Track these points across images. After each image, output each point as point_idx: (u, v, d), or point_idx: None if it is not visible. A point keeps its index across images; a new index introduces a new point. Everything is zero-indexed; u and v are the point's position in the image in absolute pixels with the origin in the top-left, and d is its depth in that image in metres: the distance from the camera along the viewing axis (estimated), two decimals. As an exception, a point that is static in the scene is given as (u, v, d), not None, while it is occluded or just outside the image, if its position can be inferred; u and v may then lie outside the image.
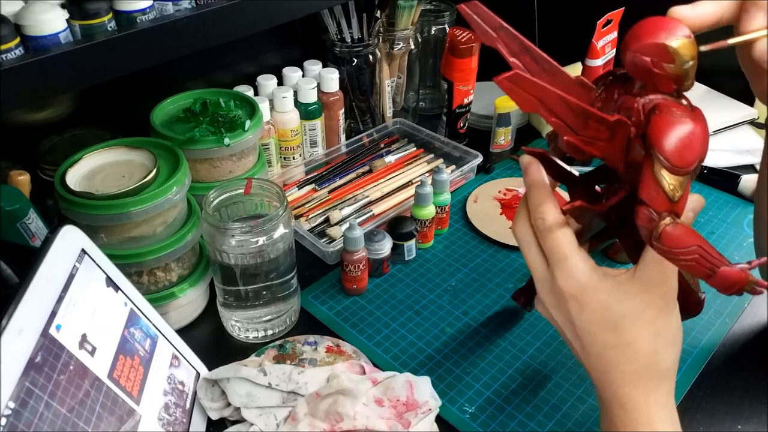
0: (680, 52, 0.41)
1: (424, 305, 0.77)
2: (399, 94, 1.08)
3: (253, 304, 0.70)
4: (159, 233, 0.67)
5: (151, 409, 0.56)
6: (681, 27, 0.41)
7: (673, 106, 0.43)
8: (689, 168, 0.42)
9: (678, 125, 0.42)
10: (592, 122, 0.45)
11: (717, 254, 0.42)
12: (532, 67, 0.48)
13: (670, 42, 0.40)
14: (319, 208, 0.90)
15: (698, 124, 0.42)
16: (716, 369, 0.69)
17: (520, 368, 0.69)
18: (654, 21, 0.42)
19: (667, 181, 0.42)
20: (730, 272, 0.42)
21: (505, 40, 0.48)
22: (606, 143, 0.46)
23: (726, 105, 1.10)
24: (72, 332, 0.50)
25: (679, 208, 0.43)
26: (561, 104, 0.46)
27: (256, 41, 0.95)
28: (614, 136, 0.45)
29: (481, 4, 0.48)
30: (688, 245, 0.42)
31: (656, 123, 0.43)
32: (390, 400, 0.61)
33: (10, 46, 0.51)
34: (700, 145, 0.42)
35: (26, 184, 0.69)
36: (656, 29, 0.41)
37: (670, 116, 0.42)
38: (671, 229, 0.42)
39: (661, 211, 0.43)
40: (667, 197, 0.43)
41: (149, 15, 0.59)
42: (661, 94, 0.43)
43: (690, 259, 0.43)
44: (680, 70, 0.41)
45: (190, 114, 0.77)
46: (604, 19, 0.89)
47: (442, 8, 1.09)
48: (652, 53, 0.41)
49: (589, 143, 0.46)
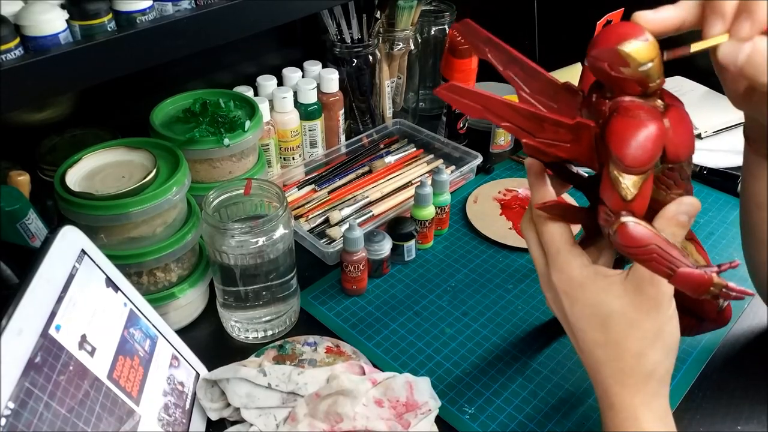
0: (633, 56, 0.41)
1: (424, 306, 0.77)
2: (399, 95, 1.08)
3: (252, 304, 0.70)
4: (159, 234, 0.67)
5: (151, 410, 0.56)
6: (638, 31, 0.42)
7: (637, 107, 0.43)
8: (642, 168, 0.43)
9: (632, 126, 0.42)
10: (548, 125, 0.47)
11: (678, 255, 0.43)
12: (521, 76, 0.49)
13: (623, 47, 0.41)
14: (319, 209, 0.90)
15: (657, 124, 0.42)
16: (716, 370, 0.69)
17: (520, 369, 0.69)
18: (613, 27, 0.42)
19: (620, 180, 0.43)
20: (690, 273, 0.42)
21: (494, 52, 0.50)
22: (572, 145, 0.47)
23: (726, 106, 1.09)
24: (72, 333, 0.50)
25: (635, 207, 0.43)
26: (507, 110, 0.47)
27: (256, 42, 0.95)
28: (579, 138, 0.46)
29: (471, 22, 0.50)
30: (643, 244, 0.43)
31: (612, 124, 0.43)
32: (390, 401, 0.61)
33: (9, 47, 0.51)
34: (654, 145, 0.42)
35: (26, 185, 0.69)
36: (612, 35, 0.42)
37: (626, 117, 0.43)
38: (625, 228, 0.43)
39: (617, 210, 0.44)
40: (621, 197, 0.43)
41: (149, 15, 0.59)
42: (628, 96, 0.44)
43: (647, 257, 0.43)
44: (637, 73, 0.42)
45: (189, 114, 0.77)
46: (604, 20, 0.89)
47: (441, 9, 1.09)
48: (607, 58, 0.42)
49: (550, 146, 0.47)
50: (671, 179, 0.46)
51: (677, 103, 0.45)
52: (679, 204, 0.45)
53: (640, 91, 0.43)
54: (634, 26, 0.42)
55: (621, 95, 0.44)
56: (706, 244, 0.86)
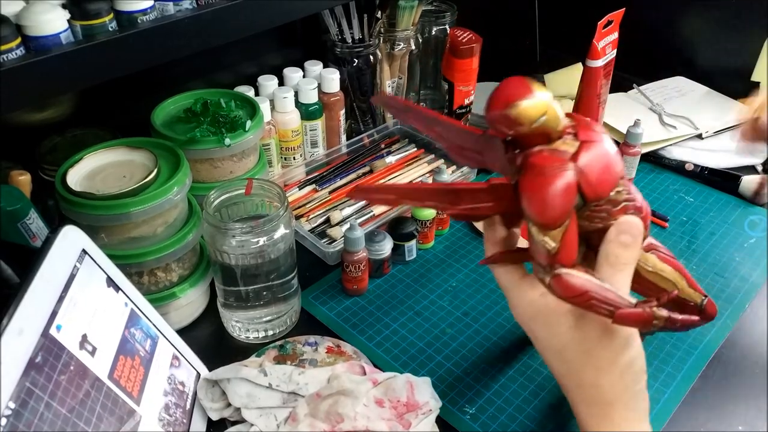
0: (523, 117, 0.41)
1: (425, 306, 0.77)
2: (399, 95, 1.08)
3: (253, 304, 0.70)
4: (159, 233, 0.67)
5: (152, 410, 0.56)
6: (524, 90, 0.41)
7: (544, 161, 0.43)
8: (555, 223, 0.43)
9: (539, 185, 0.43)
10: (463, 194, 0.48)
11: (614, 297, 0.43)
12: (444, 133, 0.50)
13: (510, 110, 0.41)
14: (320, 209, 0.90)
15: (564, 177, 0.42)
16: (717, 370, 0.69)
17: (521, 369, 0.69)
18: (500, 88, 0.42)
19: (540, 237, 0.44)
20: (628, 314, 0.43)
21: (414, 117, 0.52)
22: (495, 203, 0.48)
23: (726, 106, 1.10)
24: (72, 332, 0.50)
25: (562, 258, 0.44)
26: (421, 192, 0.49)
27: (256, 41, 0.95)
28: (501, 195, 0.47)
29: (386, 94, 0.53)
30: (578, 293, 0.44)
31: (521, 183, 0.44)
32: (390, 401, 0.61)
33: (11, 47, 0.51)
34: (563, 200, 0.42)
35: (27, 184, 0.69)
36: (501, 97, 0.42)
37: (533, 176, 0.43)
38: (559, 281, 0.44)
39: (545, 264, 0.45)
40: (545, 252, 0.44)
41: (150, 15, 0.59)
42: (537, 146, 0.44)
43: (586, 304, 0.44)
44: (531, 129, 0.42)
45: (190, 114, 0.77)
46: (605, 20, 0.89)
47: (442, 9, 1.09)
48: (501, 122, 0.42)
49: (474, 210, 0.48)
50: (603, 212, 0.46)
51: (592, 135, 0.44)
52: (618, 226, 0.46)
53: (543, 141, 0.44)
54: (519, 85, 0.42)
55: (529, 147, 0.44)
56: (707, 244, 0.86)
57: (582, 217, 0.45)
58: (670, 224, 0.89)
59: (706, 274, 0.81)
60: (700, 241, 0.86)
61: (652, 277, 0.52)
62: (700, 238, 0.87)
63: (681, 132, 1.04)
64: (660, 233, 0.88)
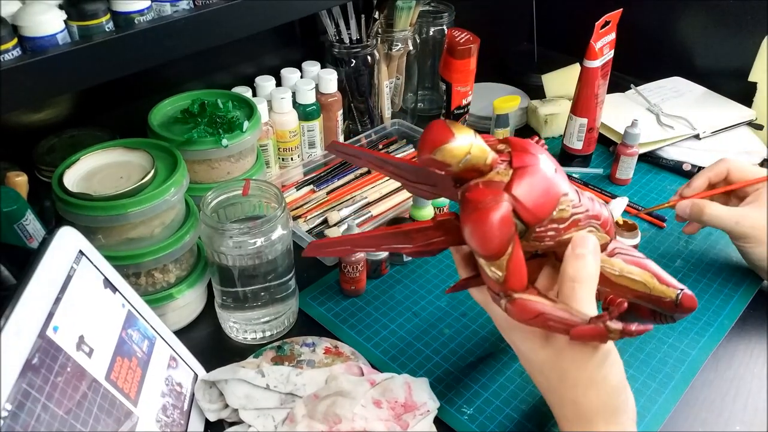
0: (448, 159, 0.43)
1: (423, 306, 0.77)
2: (397, 95, 1.08)
3: (251, 305, 0.70)
4: (157, 234, 0.66)
5: (149, 411, 0.56)
6: (444, 135, 0.43)
7: (478, 195, 0.45)
8: (497, 254, 0.44)
9: (475, 220, 0.44)
10: (414, 234, 0.50)
11: (567, 316, 0.45)
12: (396, 171, 0.53)
13: (435, 155, 0.43)
14: (318, 209, 0.90)
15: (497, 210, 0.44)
16: (715, 369, 0.69)
17: (519, 369, 0.69)
18: (424, 134, 0.44)
19: (487, 268, 0.45)
20: (582, 331, 0.45)
21: (366, 160, 0.55)
22: (446, 236, 0.50)
23: (724, 106, 1.10)
24: (69, 334, 0.50)
25: (512, 284, 0.45)
26: (373, 239, 0.52)
27: (254, 42, 0.95)
28: (450, 229, 0.49)
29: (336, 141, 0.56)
30: (532, 316, 0.45)
31: (461, 219, 0.46)
32: (388, 402, 0.61)
33: (7, 47, 0.51)
34: (500, 232, 0.44)
35: (24, 185, 0.68)
36: (426, 145, 0.44)
37: (469, 212, 0.45)
38: (513, 306, 0.46)
39: (497, 291, 0.46)
40: (494, 281, 0.46)
41: (147, 16, 0.59)
42: (472, 180, 0.46)
43: (542, 324, 0.46)
44: (460, 167, 0.44)
45: (188, 115, 0.77)
46: (603, 21, 0.89)
47: (440, 9, 1.09)
48: (431, 165, 0.44)
49: (428, 245, 0.50)
50: (550, 231, 0.47)
51: (526, 159, 0.46)
52: (573, 243, 0.48)
53: (476, 175, 0.45)
54: (441, 130, 0.44)
55: (466, 181, 0.46)
56: (704, 244, 0.86)
57: (530, 239, 0.47)
58: (668, 224, 0.89)
59: (703, 273, 0.81)
60: (698, 241, 0.87)
61: (621, 280, 0.53)
62: (697, 238, 0.87)
63: (678, 132, 1.04)
64: (658, 233, 0.88)
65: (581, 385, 0.48)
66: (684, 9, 1.16)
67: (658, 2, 1.18)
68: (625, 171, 0.96)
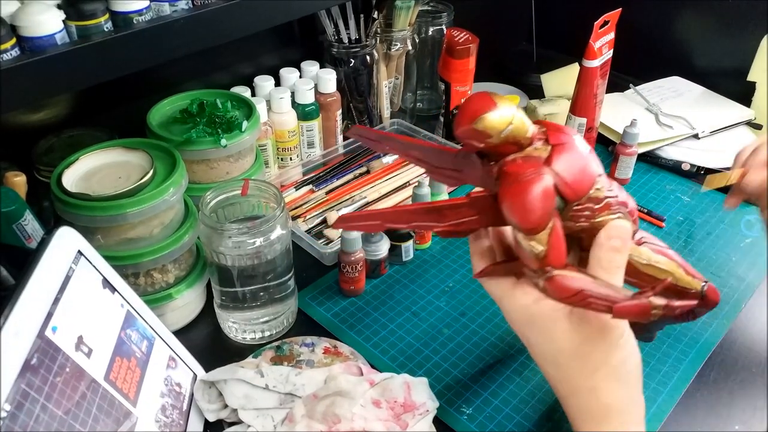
0: (489, 129, 0.42)
1: (422, 306, 0.77)
2: (396, 95, 1.08)
3: (250, 305, 0.70)
4: (156, 235, 0.66)
5: (148, 411, 0.56)
6: (487, 103, 0.42)
7: (518, 168, 0.44)
8: (538, 227, 0.43)
9: (517, 192, 0.43)
10: (446, 211, 0.49)
11: (610, 292, 0.44)
12: (421, 155, 0.52)
13: (477, 125, 0.42)
14: (317, 209, 0.90)
15: (540, 181, 0.43)
16: (714, 369, 0.69)
17: (518, 369, 0.69)
18: (465, 105, 0.43)
19: (526, 242, 0.44)
20: (626, 306, 0.43)
21: (391, 144, 0.53)
22: (480, 216, 0.48)
23: (723, 106, 1.10)
24: (68, 334, 0.50)
25: (552, 260, 0.44)
26: (404, 214, 0.50)
27: (253, 42, 0.95)
28: (484, 208, 0.47)
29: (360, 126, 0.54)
30: (573, 292, 0.44)
31: (500, 193, 0.44)
32: (387, 402, 0.61)
33: (6, 47, 0.51)
34: (543, 203, 0.43)
35: (22, 186, 0.68)
36: (466, 114, 0.43)
37: (510, 184, 0.44)
38: (552, 283, 0.44)
39: (536, 269, 0.45)
40: (534, 256, 0.44)
41: (146, 16, 0.59)
42: (510, 155, 0.45)
43: (584, 303, 0.44)
44: (501, 139, 0.43)
45: (187, 115, 0.77)
46: (602, 20, 0.89)
47: (439, 9, 1.09)
48: (470, 137, 0.43)
49: (460, 225, 0.49)
50: (586, 210, 0.46)
51: (563, 137, 0.45)
52: (608, 230, 0.46)
53: (515, 149, 0.44)
54: (482, 99, 0.43)
55: (502, 157, 0.45)
56: (704, 244, 0.86)
57: (566, 218, 0.46)
58: (667, 224, 0.89)
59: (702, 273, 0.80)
60: (697, 241, 0.87)
61: (648, 269, 0.52)
62: (696, 238, 0.87)
63: (677, 132, 1.04)
64: (656, 233, 0.88)
65: (600, 370, 0.47)
66: (683, 9, 1.16)
67: (657, 2, 1.18)
68: (624, 171, 0.96)
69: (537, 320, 0.48)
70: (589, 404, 0.48)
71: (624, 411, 0.48)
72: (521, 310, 0.48)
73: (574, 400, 0.49)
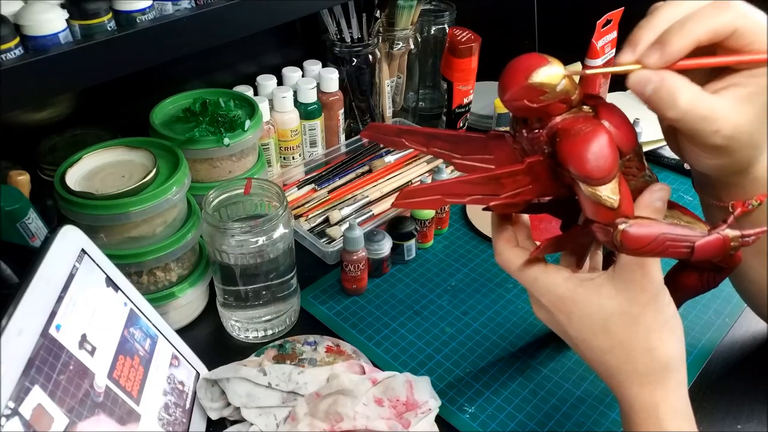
0: (546, 83, 0.42)
1: (424, 305, 0.77)
2: (399, 94, 1.08)
3: (252, 304, 0.70)
4: (159, 233, 0.67)
5: (151, 409, 0.56)
6: (539, 59, 0.42)
7: (573, 123, 0.43)
8: (611, 175, 0.43)
9: (582, 142, 0.43)
10: (505, 180, 0.47)
11: (687, 231, 0.43)
12: (446, 146, 0.50)
13: (533, 79, 0.41)
14: (319, 208, 0.90)
15: (601, 129, 0.43)
16: (715, 369, 0.69)
17: (520, 368, 0.69)
18: (514, 65, 0.43)
19: (599, 194, 0.43)
20: (707, 242, 0.42)
21: (411, 138, 0.51)
22: (533, 185, 0.47)
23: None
24: (72, 332, 0.50)
25: (625, 210, 0.43)
26: (463, 186, 0.48)
27: (255, 41, 0.95)
28: (537, 176, 0.46)
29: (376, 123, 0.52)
30: (650, 240, 0.43)
31: (561, 149, 0.44)
32: (390, 400, 0.61)
33: (9, 46, 0.51)
34: (611, 149, 0.42)
35: (26, 184, 0.69)
36: (518, 72, 0.42)
37: (572, 137, 0.43)
38: (628, 235, 0.43)
39: (610, 221, 0.44)
40: (606, 208, 0.43)
41: (149, 15, 0.59)
42: (558, 117, 0.44)
43: (662, 249, 0.43)
44: (556, 94, 0.42)
45: (189, 114, 0.77)
46: (604, 19, 0.89)
47: (441, 8, 1.09)
48: (524, 95, 0.42)
49: (516, 195, 0.47)
50: (632, 167, 0.46)
51: (601, 101, 0.45)
52: (651, 192, 0.46)
53: (565, 108, 0.44)
54: (532, 56, 0.42)
55: (550, 120, 0.44)
56: (706, 244, 0.86)
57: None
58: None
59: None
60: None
61: None
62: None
63: (680, 131, 1.04)
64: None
65: (655, 329, 0.46)
66: (685, 7, 1.16)
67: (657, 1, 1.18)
68: (627, 170, 0.96)
69: (579, 290, 0.47)
70: (647, 367, 0.47)
71: (678, 369, 0.47)
72: (562, 284, 0.47)
73: (629, 366, 0.48)
